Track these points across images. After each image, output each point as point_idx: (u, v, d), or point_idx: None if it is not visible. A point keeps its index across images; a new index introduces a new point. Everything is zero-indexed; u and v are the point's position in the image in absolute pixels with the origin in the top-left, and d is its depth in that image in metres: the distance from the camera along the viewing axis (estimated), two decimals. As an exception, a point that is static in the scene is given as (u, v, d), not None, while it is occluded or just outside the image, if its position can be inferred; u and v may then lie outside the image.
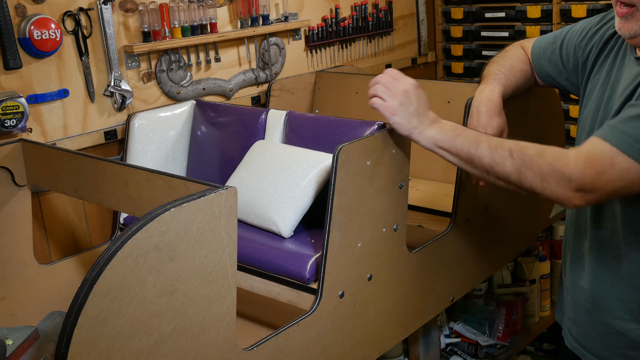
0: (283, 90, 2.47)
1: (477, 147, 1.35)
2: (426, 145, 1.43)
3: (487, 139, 1.36)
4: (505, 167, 1.31)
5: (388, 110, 1.45)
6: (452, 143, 1.39)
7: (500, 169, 1.32)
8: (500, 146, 1.33)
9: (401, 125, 1.44)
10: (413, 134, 1.43)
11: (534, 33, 2.74)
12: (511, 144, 1.32)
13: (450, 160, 1.42)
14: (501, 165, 1.32)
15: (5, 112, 1.83)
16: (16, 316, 1.87)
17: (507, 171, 1.31)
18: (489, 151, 1.33)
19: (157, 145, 2.13)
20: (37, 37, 1.88)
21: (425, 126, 1.43)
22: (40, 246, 2.02)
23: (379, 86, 1.47)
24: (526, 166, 1.29)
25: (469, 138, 1.37)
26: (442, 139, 1.40)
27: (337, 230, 1.46)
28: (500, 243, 2.04)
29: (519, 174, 1.30)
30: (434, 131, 1.42)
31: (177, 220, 1.14)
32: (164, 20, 2.16)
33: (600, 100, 1.47)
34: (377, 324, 1.63)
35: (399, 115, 1.44)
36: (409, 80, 1.48)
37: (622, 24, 1.35)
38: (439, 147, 1.41)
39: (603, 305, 1.49)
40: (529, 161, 1.28)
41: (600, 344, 1.50)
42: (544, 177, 1.27)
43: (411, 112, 1.43)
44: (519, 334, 2.58)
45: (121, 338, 1.11)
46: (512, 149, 1.31)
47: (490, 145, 1.34)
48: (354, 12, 2.77)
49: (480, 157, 1.34)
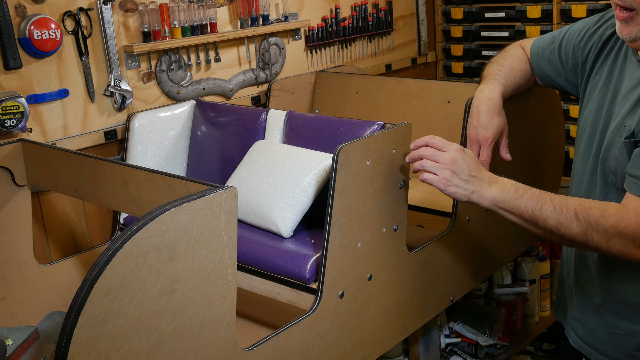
0: (283, 90, 2.47)
1: (541, 208, 1.34)
2: (488, 206, 1.41)
3: (551, 198, 1.34)
4: (572, 229, 1.31)
5: (441, 183, 1.42)
6: (514, 204, 1.37)
7: (565, 230, 1.32)
8: (565, 207, 1.32)
9: (458, 194, 1.41)
10: (472, 199, 1.41)
11: (534, 33, 2.74)
12: (576, 204, 1.32)
13: (512, 220, 1.40)
14: (567, 228, 1.31)
15: (5, 112, 1.83)
16: (16, 316, 1.87)
17: (573, 233, 1.31)
18: (554, 212, 1.32)
19: (157, 145, 2.13)
20: (37, 37, 1.88)
21: (484, 188, 1.40)
22: (40, 246, 2.02)
23: (426, 161, 1.44)
24: (592, 228, 1.30)
25: (533, 199, 1.35)
26: (504, 200, 1.38)
27: (337, 230, 1.46)
28: (500, 243, 2.04)
29: (585, 235, 1.30)
30: (494, 192, 1.39)
31: (177, 220, 1.14)
32: (164, 20, 2.16)
33: (601, 102, 1.47)
34: (377, 324, 1.63)
35: (454, 185, 1.41)
36: (453, 146, 1.44)
37: (623, 28, 1.35)
38: (500, 207, 1.39)
39: (610, 307, 1.49)
40: (595, 223, 1.29)
41: (608, 343, 1.50)
42: (609, 239, 1.29)
43: (465, 178, 1.41)
44: (519, 334, 2.58)
45: (121, 338, 1.11)
46: (577, 210, 1.31)
47: (555, 206, 1.33)
48: (354, 12, 2.77)
49: (545, 219, 1.33)
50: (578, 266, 1.58)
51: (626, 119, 1.36)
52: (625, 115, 1.37)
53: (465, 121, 1.69)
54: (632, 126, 1.34)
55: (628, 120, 1.36)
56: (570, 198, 1.34)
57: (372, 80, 2.48)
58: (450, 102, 2.23)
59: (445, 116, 2.23)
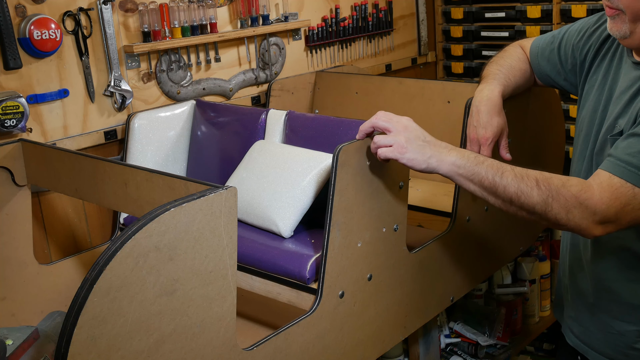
0: (283, 90, 2.47)
1: (502, 175, 1.30)
2: (446, 171, 1.35)
3: (512, 168, 1.31)
4: (532, 197, 1.27)
5: (397, 151, 1.36)
6: (475, 170, 1.32)
7: (526, 199, 1.28)
8: (526, 176, 1.29)
9: (415, 160, 1.35)
10: (431, 164, 1.35)
11: (534, 33, 2.74)
12: (537, 174, 1.29)
13: (470, 189, 1.35)
14: (528, 196, 1.28)
15: (5, 112, 1.83)
16: (16, 316, 1.87)
17: (533, 202, 1.28)
18: (514, 180, 1.29)
19: (157, 145, 2.13)
20: (37, 37, 1.88)
21: (442, 153, 1.35)
22: (40, 246, 2.02)
23: (377, 137, 1.39)
24: (552, 197, 1.26)
25: (494, 166, 1.32)
26: (464, 165, 1.33)
27: (337, 230, 1.46)
28: (500, 243, 2.04)
29: (545, 205, 1.27)
30: (453, 157, 1.34)
31: (177, 220, 1.14)
32: (164, 20, 2.16)
33: (597, 102, 1.47)
34: (377, 324, 1.63)
35: (410, 151, 1.35)
36: (402, 117, 1.40)
37: (612, 24, 1.35)
38: (459, 174, 1.34)
39: (603, 306, 1.49)
40: (556, 192, 1.26)
41: (603, 342, 1.51)
42: (569, 210, 1.26)
43: (420, 143, 1.36)
44: (519, 334, 2.58)
45: (121, 338, 1.11)
46: (538, 179, 1.28)
47: (516, 174, 1.30)
48: (354, 12, 2.77)
49: (505, 186, 1.29)
50: (573, 265, 1.58)
51: (618, 119, 1.37)
52: (617, 116, 1.37)
53: (465, 121, 1.69)
54: (622, 125, 1.34)
55: (620, 120, 1.36)
56: (531, 170, 1.31)
57: (372, 80, 2.48)
58: (450, 102, 2.23)
59: (445, 116, 2.23)
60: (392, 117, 1.39)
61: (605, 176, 1.27)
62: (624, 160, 1.26)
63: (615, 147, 1.31)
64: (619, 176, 1.26)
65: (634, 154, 1.26)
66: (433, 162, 1.35)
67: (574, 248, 1.57)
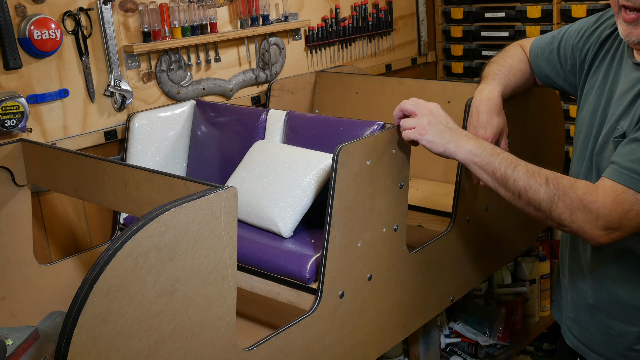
0: (283, 90, 2.47)
1: (514, 168, 1.34)
2: (462, 158, 1.41)
3: (526, 164, 1.36)
4: (540, 193, 1.31)
5: (417, 132, 1.43)
6: (489, 160, 1.37)
7: (533, 194, 1.32)
8: (538, 173, 1.33)
9: (434, 143, 1.42)
10: (448, 148, 1.41)
11: (534, 33, 2.74)
12: (548, 173, 1.33)
13: (483, 178, 1.40)
14: (535, 191, 1.31)
15: (5, 112, 1.83)
16: (16, 316, 1.87)
17: (540, 198, 1.31)
18: (525, 175, 1.33)
19: (157, 145, 2.13)
20: (37, 37, 1.88)
21: (461, 139, 1.41)
22: (40, 246, 2.02)
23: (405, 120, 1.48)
24: (559, 196, 1.29)
25: (508, 159, 1.37)
26: (480, 153, 1.39)
27: (337, 230, 1.46)
28: (500, 243, 2.04)
29: (550, 202, 1.30)
30: (471, 145, 1.40)
31: (177, 220, 1.14)
32: (164, 20, 2.16)
33: (597, 103, 1.47)
34: (377, 324, 1.63)
35: (430, 133, 1.42)
36: (431, 103, 1.48)
37: (631, 30, 1.32)
38: (474, 162, 1.39)
39: (603, 308, 1.49)
40: (562, 192, 1.29)
41: (603, 343, 1.51)
42: (573, 211, 1.29)
43: (442, 128, 1.42)
44: (519, 334, 2.58)
45: (121, 338, 1.11)
46: (548, 177, 1.31)
47: (528, 170, 1.34)
48: (354, 12, 2.77)
49: (515, 179, 1.34)
50: (572, 266, 1.58)
51: (620, 121, 1.37)
52: (619, 117, 1.37)
53: (465, 121, 1.69)
54: (624, 127, 1.34)
55: (621, 122, 1.36)
56: (545, 169, 1.35)
57: (372, 80, 2.48)
58: (450, 102, 2.23)
59: (445, 116, 2.22)
60: (420, 102, 1.48)
61: (608, 183, 1.29)
62: (627, 168, 1.28)
63: (617, 153, 1.32)
64: (622, 183, 1.27)
65: (636, 161, 1.27)
66: (451, 147, 1.41)
67: (574, 249, 1.56)
